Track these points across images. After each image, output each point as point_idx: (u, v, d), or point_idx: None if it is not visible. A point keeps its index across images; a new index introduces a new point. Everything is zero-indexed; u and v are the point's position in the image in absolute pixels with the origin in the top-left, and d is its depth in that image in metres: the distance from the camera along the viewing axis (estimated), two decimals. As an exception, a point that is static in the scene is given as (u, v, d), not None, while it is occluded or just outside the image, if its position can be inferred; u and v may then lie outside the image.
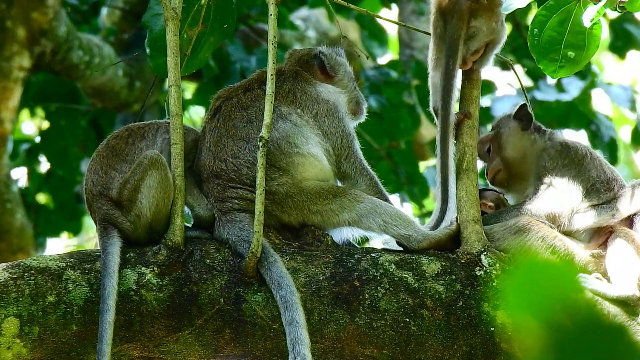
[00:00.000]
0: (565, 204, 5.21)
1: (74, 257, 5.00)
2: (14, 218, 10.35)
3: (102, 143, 5.32)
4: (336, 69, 5.55)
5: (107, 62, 10.46)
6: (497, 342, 4.94)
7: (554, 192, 5.23)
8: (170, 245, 5.03)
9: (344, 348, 4.95)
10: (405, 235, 5.12)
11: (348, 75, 5.58)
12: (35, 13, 9.74)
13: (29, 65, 9.90)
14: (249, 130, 5.20)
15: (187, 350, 4.95)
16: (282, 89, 5.31)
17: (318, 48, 5.59)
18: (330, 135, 5.29)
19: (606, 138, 10.42)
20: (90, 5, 11.31)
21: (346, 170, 5.29)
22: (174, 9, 5.22)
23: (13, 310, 4.82)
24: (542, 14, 5.29)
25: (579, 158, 5.32)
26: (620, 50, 11.12)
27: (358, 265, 5.03)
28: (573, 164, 5.30)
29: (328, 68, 5.51)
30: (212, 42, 5.57)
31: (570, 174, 5.28)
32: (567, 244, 5.16)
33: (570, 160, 5.32)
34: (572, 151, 5.34)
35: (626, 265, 5.05)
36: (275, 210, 5.14)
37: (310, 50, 5.60)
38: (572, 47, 5.29)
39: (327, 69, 5.51)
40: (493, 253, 5.08)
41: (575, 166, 5.30)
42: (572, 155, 5.33)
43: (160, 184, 5.06)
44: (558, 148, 5.35)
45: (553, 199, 5.21)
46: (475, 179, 5.22)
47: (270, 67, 5.09)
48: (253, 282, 4.96)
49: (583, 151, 5.35)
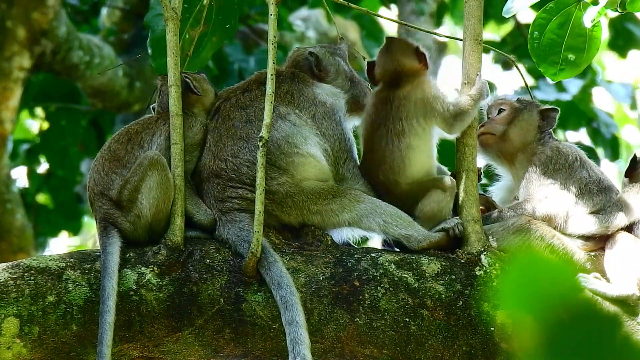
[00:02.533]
0: (560, 206, 5.22)
1: (74, 257, 5.00)
2: (14, 218, 10.36)
3: (105, 145, 5.32)
4: (327, 69, 5.52)
5: (107, 62, 10.46)
6: (497, 342, 4.94)
7: (547, 194, 5.23)
8: (170, 245, 5.03)
9: (343, 348, 4.95)
10: (405, 235, 5.12)
11: (343, 74, 5.55)
12: (36, 13, 9.75)
13: (29, 65, 9.90)
14: (248, 130, 5.20)
15: (187, 350, 4.95)
16: (280, 90, 5.30)
17: (309, 49, 5.57)
18: (329, 137, 5.29)
19: (608, 135, 10.42)
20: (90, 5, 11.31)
21: (343, 173, 5.29)
22: (174, 9, 5.22)
23: (13, 310, 4.82)
24: (542, 16, 5.29)
25: (569, 162, 5.32)
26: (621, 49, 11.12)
27: (358, 265, 5.03)
28: (564, 168, 5.30)
29: (315, 71, 5.49)
30: (214, 43, 5.57)
31: (562, 176, 5.28)
32: (565, 243, 5.16)
33: (561, 164, 5.32)
34: (562, 156, 5.34)
35: (625, 265, 5.06)
36: (275, 210, 5.14)
37: (304, 50, 5.59)
38: (573, 49, 5.29)
39: (323, 67, 5.50)
40: (493, 253, 5.08)
41: (566, 170, 5.30)
42: (562, 160, 5.33)
43: (161, 185, 5.06)
44: (549, 153, 5.35)
45: (547, 201, 5.22)
46: (475, 179, 5.22)
47: (270, 67, 5.10)
48: (253, 282, 4.96)
49: (573, 156, 5.35)
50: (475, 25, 5.32)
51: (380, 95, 5.29)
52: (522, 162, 5.42)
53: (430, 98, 5.20)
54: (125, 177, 5.11)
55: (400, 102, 5.22)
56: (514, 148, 5.45)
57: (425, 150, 5.23)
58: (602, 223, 5.20)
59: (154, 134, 5.24)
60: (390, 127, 5.19)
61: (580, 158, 5.35)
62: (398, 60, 5.32)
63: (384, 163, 5.21)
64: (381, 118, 5.23)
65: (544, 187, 5.26)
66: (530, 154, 5.39)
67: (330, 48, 5.62)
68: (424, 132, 5.19)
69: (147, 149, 5.18)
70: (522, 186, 5.33)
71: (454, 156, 5.30)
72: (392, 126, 5.18)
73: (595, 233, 5.20)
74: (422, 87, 5.25)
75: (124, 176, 5.11)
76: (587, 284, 5.01)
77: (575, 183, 5.27)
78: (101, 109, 11.00)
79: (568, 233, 5.21)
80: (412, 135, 5.18)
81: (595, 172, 5.32)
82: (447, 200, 5.17)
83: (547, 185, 5.26)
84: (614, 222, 5.20)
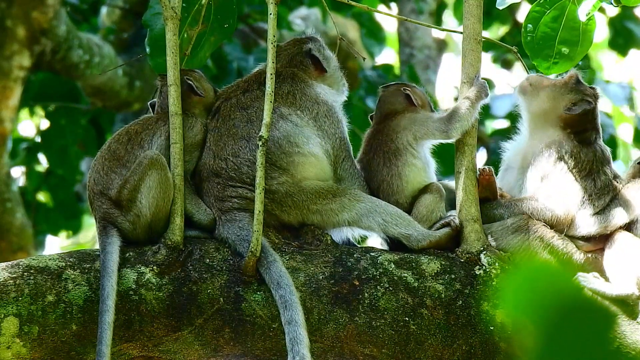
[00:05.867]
0: (567, 209, 5.20)
1: (74, 257, 5.00)
2: (14, 217, 10.36)
3: (105, 144, 5.32)
4: (329, 63, 5.55)
5: (107, 61, 10.46)
6: (496, 341, 4.94)
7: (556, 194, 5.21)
8: (169, 244, 5.03)
9: (343, 347, 4.95)
10: (405, 235, 5.12)
11: (337, 67, 5.60)
12: (36, 12, 9.75)
13: (29, 64, 9.90)
14: (249, 130, 5.20)
15: (187, 350, 4.96)
16: (281, 90, 5.30)
17: (308, 44, 5.55)
18: (330, 136, 5.30)
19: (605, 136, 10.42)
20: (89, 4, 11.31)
21: (342, 172, 5.30)
22: (173, 8, 5.22)
23: (12, 310, 4.82)
24: (536, 10, 5.29)
25: (578, 169, 5.27)
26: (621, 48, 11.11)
27: (357, 264, 5.03)
28: (571, 173, 5.27)
29: (324, 63, 5.51)
30: (213, 42, 5.57)
31: (574, 177, 5.24)
32: (565, 243, 5.16)
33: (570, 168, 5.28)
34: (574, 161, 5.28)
35: (625, 265, 5.06)
36: (275, 209, 5.14)
37: (299, 46, 5.56)
38: (566, 43, 5.29)
39: (322, 64, 5.50)
40: (492, 252, 5.08)
41: (574, 175, 5.26)
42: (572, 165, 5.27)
43: (160, 184, 5.06)
44: (568, 149, 5.29)
45: (555, 202, 5.20)
46: (474, 178, 5.22)
47: (269, 66, 5.10)
48: (252, 282, 4.96)
49: (584, 163, 5.28)
50: (475, 24, 5.33)
51: (373, 129, 5.50)
52: (540, 137, 5.35)
53: (418, 121, 5.39)
54: (124, 176, 5.11)
55: (392, 129, 5.40)
56: (536, 111, 5.40)
57: (421, 167, 5.35)
58: (601, 223, 5.20)
59: (154, 134, 5.24)
60: (385, 149, 5.36)
61: (591, 167, 5.27)
62: (391, 104, 5.53)
63: (382, 182, 5.32)
64: (375, 146, 5.40)
65: (553, 188, 5.23)
66: (549, 141, 5.33)
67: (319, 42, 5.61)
68: (417, 152, 5.36)
69: (147, 149, 5.18)
70: (532, 176, 5.28)
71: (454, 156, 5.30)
72: (387, 148, 5.36)
73: (594, 233, 5.20)
74: (410, 115, 5.46)
75: (124, 176, 5.11)
76: (587, 284, 5.00)
77: (581, 189, 5.24)
78: (101, 108, 11.00)
79: (570, 234, 5.21)
80: (408, 155, 5.33)
81: (602, 181, 5.26)
82: (437, 200, 5.24)
83: (556, 186, 5.23)
84: (612, 221, 5.20)
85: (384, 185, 5.32)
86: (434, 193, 5.27)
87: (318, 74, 5.50)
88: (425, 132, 5.34)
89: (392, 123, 5.42)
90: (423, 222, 5.19)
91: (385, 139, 5.38)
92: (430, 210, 5.24)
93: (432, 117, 5.39)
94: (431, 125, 5.33)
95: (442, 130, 5.29)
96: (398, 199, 5.29)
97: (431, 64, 11.74)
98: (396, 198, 5.30)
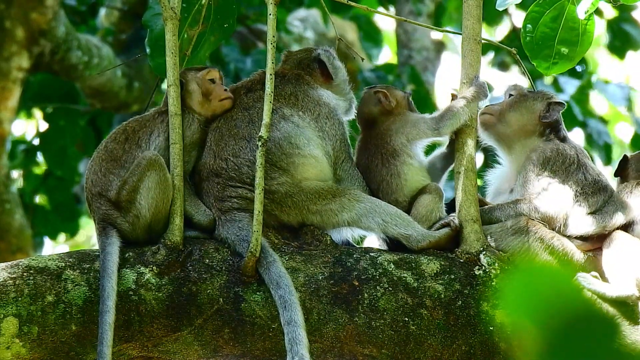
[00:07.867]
0: (558, 207, 5.22)
1: (73, 257, 5.00)
2: (12, 218, 10.35)
3: (101, 144, 5.31)
4: (337, 72, 5.56)
5: (106, 62, 10.46)
6: (496, 342, 4.95)
7: (545, 195, 5.23)
8: (169, 245, 5.03)
9: (343, 347, 4.95)
10: (405, 235, 5.13)
11: (346, 79, 5.60)
12: (34, 13, 9.75)
13: (27, 65, 9.90)
14: (251, 130, 5.21)
15: (186, 350, 4.96)
16: (284, 91, 5.31)
17: (317, 50, 5.58)
18: (331, 137, 5.31)
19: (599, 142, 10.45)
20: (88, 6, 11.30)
21: (342, 173, 5.31)
22: (172, 8, 5.22)
23: (12, 310, 4.82)
24: (536, 10, 5.30)
25: (566, 165, 5.31)
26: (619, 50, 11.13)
27: (357, 264, 5.04)
28: (561, 170, 5.30)
29: (331, 70, 5.51)
30: (212, 42, 5.58)
31: (560, 178, 5.27)
32: (564, 244, 5.17)
33: (558, 166, 5.31)
34: (560, 158, 5.33)
35: (624, 265, 5.06)
36: (274, 209, 5.15)
37: (309, 52, 5.60)
38: (566, 43, 5.30)
39: (329, 71, 5.51)
40: (492, 252, 5.09)
41: (563, 172, 5.29)
42: (560, 162, 5.32)
43: (159, 185, 5.06)
44: (548, 154, 5.34)
45: (546, 201, 5.22)
46: (474, 179, 5.23)
47: (269, 67, 5.10)
48: (252, 282, 4.97)
49: (571, 158, 5.34)
50: (474, 25, 5.33)
51: (364, 138, 5.52)
52: (520, 152, 5.42)
53: (410, 123, 5.41)
54: (123, 177, 5.10)
55: (385, 132, 5.42)
56: (512, 132, 5.46)
57: (418, 167, 5.38)
58: (600, 223, 5.21)
59: (151, 133, 5.23)
60: (383, 151, 5.39)
61: (578, 160, 5.34)
62: (367, 108, 5.55)
63: (382, 181, 5.34)
64: (372, 149, 5.42)
65: (542, 188, 5.25)
66: (531, 149, 5.38)
67: (331, 51, 5.63)
68: (413, 153, 5.39)
69: (145, 149, 5.18)
70: (520, 184, 5.33)
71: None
72: (384, 150, 5.38)
73: (592, 233, 5.21)
74: (400, 117, 5.46)
75: (122, 177, 5.11)
76: (587, 284, 5.01)
77: (573, 185, 5.26)
78: (100, 109, 11.00)
79: (567, 234, 5.22)
80: (405, 155, 5.36)
81: (591, 174, 5.32)
82: (436, 200, 5.25)
83: (545, 186, 5.26)
84: (610, 221, 5.21)
85: (383, 185, 5.33)
86: (432, 193, 5.28)
87: (324, 80, 5.51)
88: (417, 133, 5.37)
89: (384, 126, 5.44)
90: (422, 223, 5.20)
91: (381, 141, 5.40)
92: (429, 210, 5.25)
93: (423, 118, 5.41)
94: (422, 126, 5.36)
95: (433, 129, 5.32)
96: (397, 198, 5.30)
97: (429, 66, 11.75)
98: (395, 197, 5.30)
